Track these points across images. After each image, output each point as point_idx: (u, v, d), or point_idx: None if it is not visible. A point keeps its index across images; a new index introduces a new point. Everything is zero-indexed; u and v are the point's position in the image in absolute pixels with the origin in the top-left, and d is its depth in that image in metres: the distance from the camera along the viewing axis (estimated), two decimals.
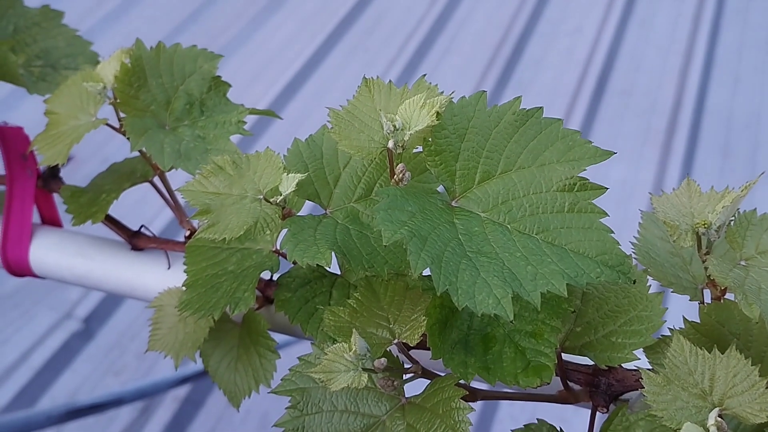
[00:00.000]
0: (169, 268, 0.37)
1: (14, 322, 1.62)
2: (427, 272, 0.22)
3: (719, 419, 0.20)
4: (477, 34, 2.30)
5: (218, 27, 2.15)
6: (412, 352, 0.26)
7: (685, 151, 1.87)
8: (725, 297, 0.27)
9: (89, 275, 0.38)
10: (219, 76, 0.36)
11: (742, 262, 0.26)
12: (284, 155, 0.29)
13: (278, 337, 0.33)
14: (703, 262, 0.25)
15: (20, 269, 0.39)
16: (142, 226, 0.38)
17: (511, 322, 0.25)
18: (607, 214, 0.24)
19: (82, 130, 0.32)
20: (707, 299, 0.28)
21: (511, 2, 2.36)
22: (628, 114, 1.97)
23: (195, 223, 0.36)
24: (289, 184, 0.27)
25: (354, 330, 0.24)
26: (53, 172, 0.39)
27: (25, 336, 1.59)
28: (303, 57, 2.19)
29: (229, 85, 0.36)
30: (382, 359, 0.25)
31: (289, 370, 0.27)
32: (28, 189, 0.39)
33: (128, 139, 0.32)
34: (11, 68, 0.36)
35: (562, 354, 0.26)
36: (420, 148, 0.26)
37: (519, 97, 0.26)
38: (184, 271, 0.32)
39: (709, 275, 0.25)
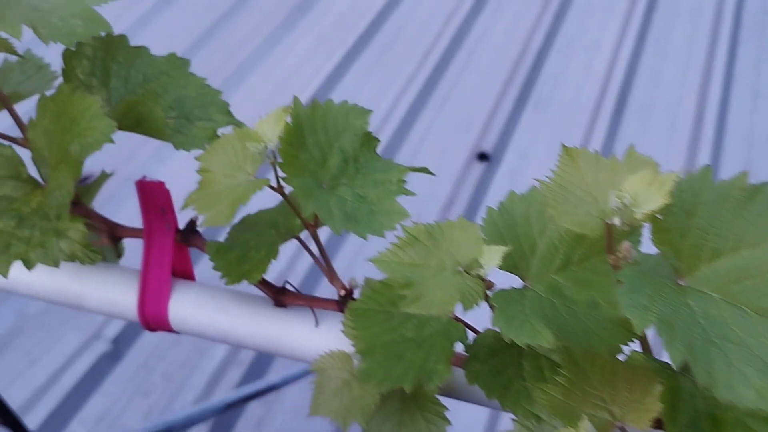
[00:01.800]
0: (317, 325, 0.37)
1: (42, 342, 1.60)
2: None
3: None
4: (495, 50, 2.30)
5: (235, 43, 2.14)
6: None
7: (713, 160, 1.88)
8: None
9: (232, 332, 0.38)
10: (369, 132, 0.36)
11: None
12: (480, 225, 0.29)
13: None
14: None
15: (158, 325, 0.39)
16: (286, 282, 0.38)
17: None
18: None
19: (244, 191, 0.32)
20: None
21: (527, 18, 2.37)
22: (649, 130, 1.97)
23: (345, 282, 0.35)
24: (493, 256, 0.26)
25: (583, 415, 0.23)
26: (192, 226, 0.39)
27: (54, 357, 1.58)
28: (322, 74, 2.19)
29: (378, 140, 0.36)
30: None
31: None
32: (166, 243, 0.38)
33: (297, 201, 0.31)
34: (158, 123, 0.36)
35: None
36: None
37: (745, 172, 0.26)
38: (355, 337, 0.32)
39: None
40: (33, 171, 0.38)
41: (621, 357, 0.26)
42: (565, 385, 0.26)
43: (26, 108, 0.43)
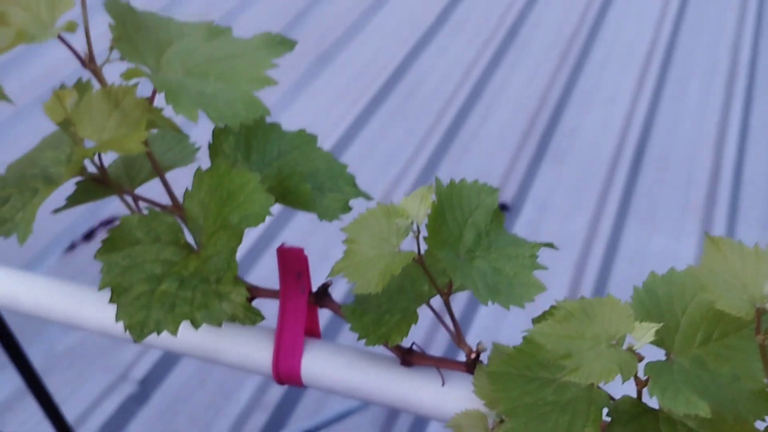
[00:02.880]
0: (443, 385, 0.40)
1: (70, 383, 1.63)
2: None
3: None
4: (513, 102, 2.37)
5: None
6: None
7: (726, 224, 1.92)
8: None
9: (362, 388, 0.41)
10: (498, 208, 0.40)
11: None
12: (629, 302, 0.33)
13: None
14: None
15: (290, 380, 0.42)
16: (413, 343, 0.41)
17: None
18: None
19: (392, 261, 0.36)
20: None
21: (545, 72, 2.44)
22: (666, 185, 2.02)
23: (473, 346, 0.39)
24: (645, 332, 0.30)
25: None
26: (325, 289, 0.42)
27: (81, 398, 1.60)
28: (345, 123, 2.25)
29: (504, 216, 0.40)
30: None
31: None
32: (300, 305, 0.41)
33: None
34: (306, 196, 0.40)
35: None
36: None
37: None
38: (495, 398, 0.35)
39: None
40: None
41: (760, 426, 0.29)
42: None
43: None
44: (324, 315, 1.57)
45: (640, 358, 0.31)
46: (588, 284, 1.66)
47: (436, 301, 0.42)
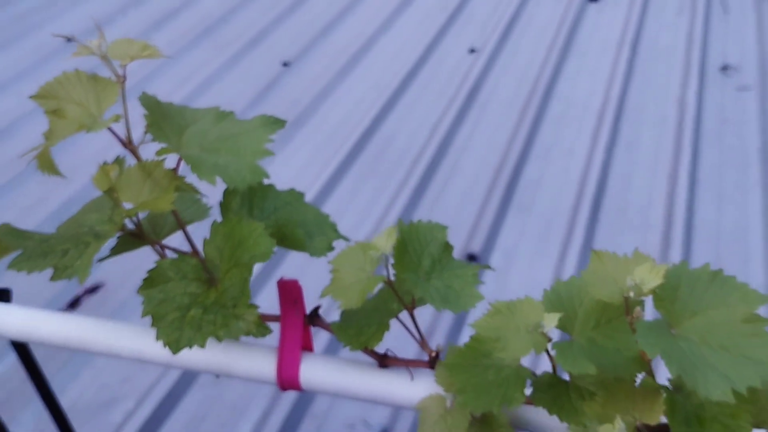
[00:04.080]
0: (412, 379, 0.52)
1: None
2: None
3: None
4: (478, 157, 2.52)
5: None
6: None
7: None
8: None
9: (349, 387, 0.53)
10: (447, 242, 0.53)
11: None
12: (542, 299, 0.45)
13: None
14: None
15: (291, 386, 0.54)
16: (387, 350, 0.54)
17: (717, 407, 0.40)
18: None
19: (368, 283, 0.48)
20: None
21: (506, 128, 2.61)
22: (624, 230, 2.17)
23: (433, 346, 0.51)
24: (551, 320, 0.43)
25: (617, 417, 0.39)
26: (316, 311, 0.55)
27: None
28: (320, 182, 2.39)
29: (453, 248, 0.53)
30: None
31: None
32: (297, 325, 0.54)
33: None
34: (300, 240, 0.52)
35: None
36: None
37: (708, 263, 0.43)
38: (450, 383, 0.47)
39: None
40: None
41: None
42: (602, 401, 0.42)
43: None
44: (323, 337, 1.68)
45: (549, 339, 0.44)
46: None
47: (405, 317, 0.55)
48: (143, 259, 1.95)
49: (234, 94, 2.68)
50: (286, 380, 0.54)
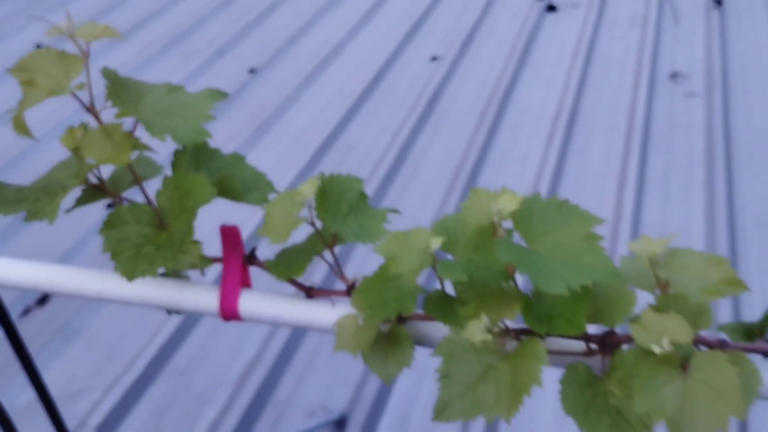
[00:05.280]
0: (333, 306, 0.63)
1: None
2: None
3: None
4: (437, 162, 2.64)
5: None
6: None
7: None
8: None
9: (282, 315, 0.63)
10: (363, 192, 0.63)
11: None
12: (432, 228, 0.56)
13: None
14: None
15: (232, 316, 0.64)
16: (313, 283, 0.64)
17: (562, 306, 0.51)
18: (604, 249, 0.52)
19: (294, 223, 0.59)
20: None
21: (464, 134, 2.73)
22: None
23: (349, 277, 0.62)
24: (436, 243, 0.53)
25: (483, 314, 0.50)
26: (252, 253, 0.65)
27: None
28: (282, 186, 2.49)
29: (368, 197, 0.64)
30: (496, 329, 0.51)
31: (444, 338, 0.53)
32: (237, 265, 0.64)
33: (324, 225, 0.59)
34: (239, 192, 0.63)
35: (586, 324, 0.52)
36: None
37: (556, 195, 0.54)
38: (360, 303, 0.58)
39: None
40: None
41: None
42: (475, 306, 0.53)
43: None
44: None
45: (434, 258, 0.54)
46: None
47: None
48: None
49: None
50: (227, 311, 0.64)
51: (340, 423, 1.85)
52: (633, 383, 0.48)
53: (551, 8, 3.33)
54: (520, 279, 0.55)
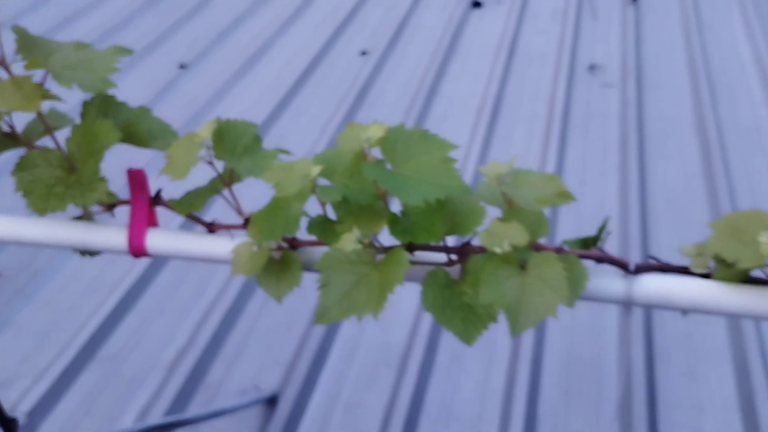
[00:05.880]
0: (232, 238, 0.70)
1: None
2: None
3: None
4: None
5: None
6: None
7: (548, 240, 2.32)
8: None
9: (186, 249, 0.70)
10: (257, 135, 0.71)
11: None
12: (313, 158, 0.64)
13: None
14: None
15: (139, 252, 0.71)
16: (214, 220, 0.71)
17: (423, 220, 0.60)
18: (458, 170, 0.60)
19: (193, 161, 0.66)
20: None
21: (395, 116, 2.80)
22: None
23: (246, 212, 0.69)
24: (316, 170, 0.61)
25: (355, 229, 0.58)
26: (158, 195, 0.72)
27: None
28: None
29: (262, 140, 0.71)
30: (367, 240, 0.59)
31: (324, 254, 0.61)
32: (143, 205, 0.71)
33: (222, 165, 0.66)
34: (144, 139, 0.70)
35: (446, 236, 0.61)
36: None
37: (419, 126, 0.62)
38: (254, 231, 0.65)
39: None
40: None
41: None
42: (350, 223, 0.61)
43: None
44: None
45: (314, 184, 0.62)
46: None
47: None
48: (36, 253, 2.09)
49: (130, 95, 2.80)
50: (135, 248, 0.71)
51: (272, 401, 1.91)
52: (480, 280, 0.56)
53: (476, 4, 3.46)
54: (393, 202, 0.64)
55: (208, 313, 2.12)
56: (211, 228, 0.71)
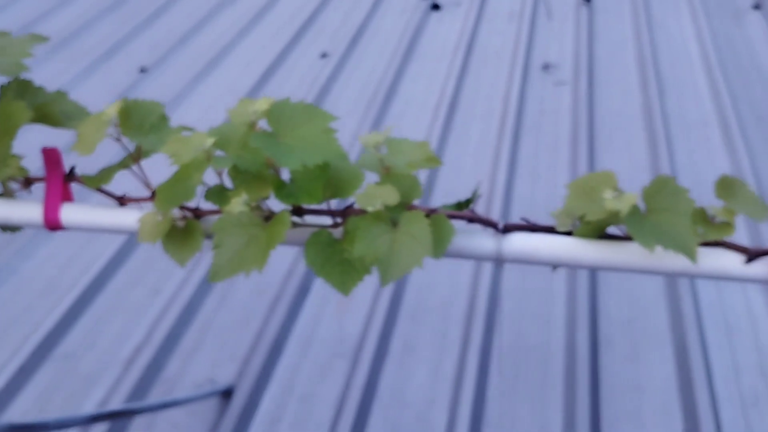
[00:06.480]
0: (141, 210, 0.76)
1: None
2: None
3: None
4: None
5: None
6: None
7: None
8: None
9: (97, 221, 0.76)
10: (164, 114, 0.77)
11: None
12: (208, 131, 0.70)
13: None
14: None
15: (54, 226, 0.76)
16: (125, 194, 0.77)
17: (305, 183, 0.66)
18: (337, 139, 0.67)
19: (98, 139, 0.72)
20: None
21: (350, 126, 2.88)
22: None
23: (153, 186, 0.75)
24: (209, 142, 0.67)
25: (243, 193, 0.64)
26: (72, 171, 0.78)
27: None
28: None
29: (169, 119, 0.77)
30: (254, 204, 0.65)
31: (218, 218, 0.67)
32: (58, 181, 0.76)
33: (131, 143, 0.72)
34: (58, 118, 0.76)
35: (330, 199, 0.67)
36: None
37: (303, 99, 0.68)
38: (160, 197, 0.71)
39: None
40: None
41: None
42: (240, 190, 0.67)
43: None
44: None
45: (210, 155, 0.68)
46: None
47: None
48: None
49: (90, 99, 2.84)
50: (51, 222, 0.76)
51: (227, 393, 1.96)
52: (355, 237, 0.62)
53: (435, 7, 3.54)
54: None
55: (165, 310, 2.17)
56: (122, 201, 0.77)
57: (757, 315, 2.04)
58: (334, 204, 0.70)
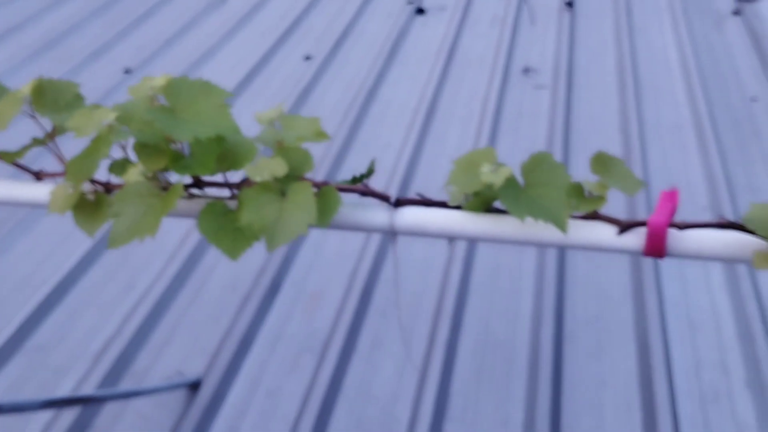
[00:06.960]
0: (55, 184, 0.79)
1: None
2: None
3: None
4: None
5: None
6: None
7: None
8: None
9: (12, 196, 0.79)
10: (79, 93, 0.80)
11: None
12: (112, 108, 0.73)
13: None
14: None
15: None
16: (41, 170, 0.80)
17: (201, 153, 0.69)
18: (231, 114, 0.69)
19: (12, 114, 0.75)
20: None
21: (330, 126, 2.91)
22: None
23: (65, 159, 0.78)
24: (111, 115, 0.70)
25: (140, 164, 0.67)
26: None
27: None
28: None
29: (84, 98, 0.80)
30: (151, 174, 0.68)
31: (119, 190, 0.70)
32: None
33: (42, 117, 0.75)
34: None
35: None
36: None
37: (201, 78, 0.71)
38: (71, 170, 0.74)
39: None
40: None
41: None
42: (140, 161, 0.70)
43: None
44: None
45: (113, 129, 0.71)
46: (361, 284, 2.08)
47: None
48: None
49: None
50: None
51: (195, 386, 1.99)
52: (244, 205, 0.65)
53: (420, 11, 3.58)
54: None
55: (137, 305, 2.20)
56: (39, 176, 0.80)
57: (720, 312, 2.06)
58: (233, 178, 0.72)
